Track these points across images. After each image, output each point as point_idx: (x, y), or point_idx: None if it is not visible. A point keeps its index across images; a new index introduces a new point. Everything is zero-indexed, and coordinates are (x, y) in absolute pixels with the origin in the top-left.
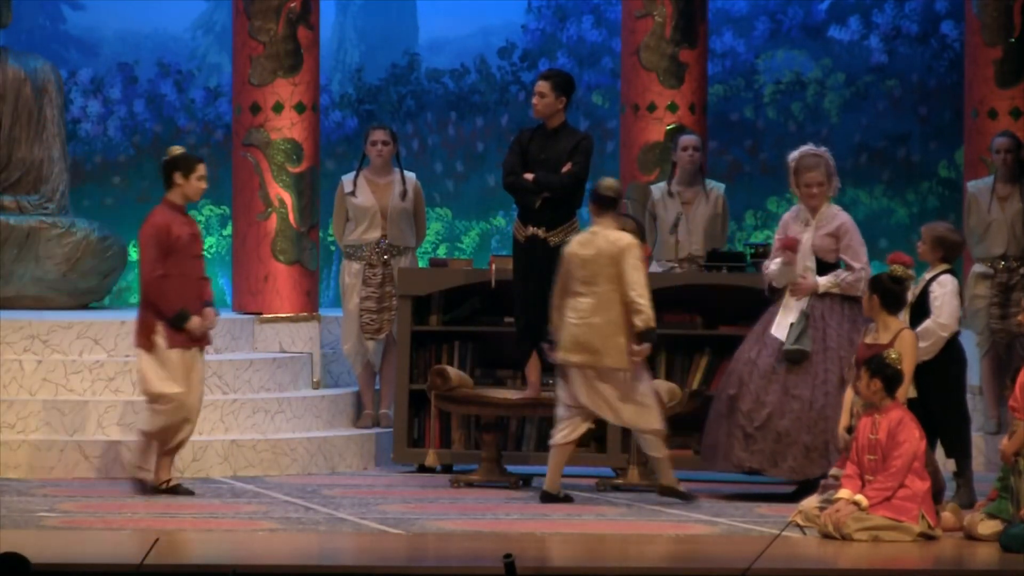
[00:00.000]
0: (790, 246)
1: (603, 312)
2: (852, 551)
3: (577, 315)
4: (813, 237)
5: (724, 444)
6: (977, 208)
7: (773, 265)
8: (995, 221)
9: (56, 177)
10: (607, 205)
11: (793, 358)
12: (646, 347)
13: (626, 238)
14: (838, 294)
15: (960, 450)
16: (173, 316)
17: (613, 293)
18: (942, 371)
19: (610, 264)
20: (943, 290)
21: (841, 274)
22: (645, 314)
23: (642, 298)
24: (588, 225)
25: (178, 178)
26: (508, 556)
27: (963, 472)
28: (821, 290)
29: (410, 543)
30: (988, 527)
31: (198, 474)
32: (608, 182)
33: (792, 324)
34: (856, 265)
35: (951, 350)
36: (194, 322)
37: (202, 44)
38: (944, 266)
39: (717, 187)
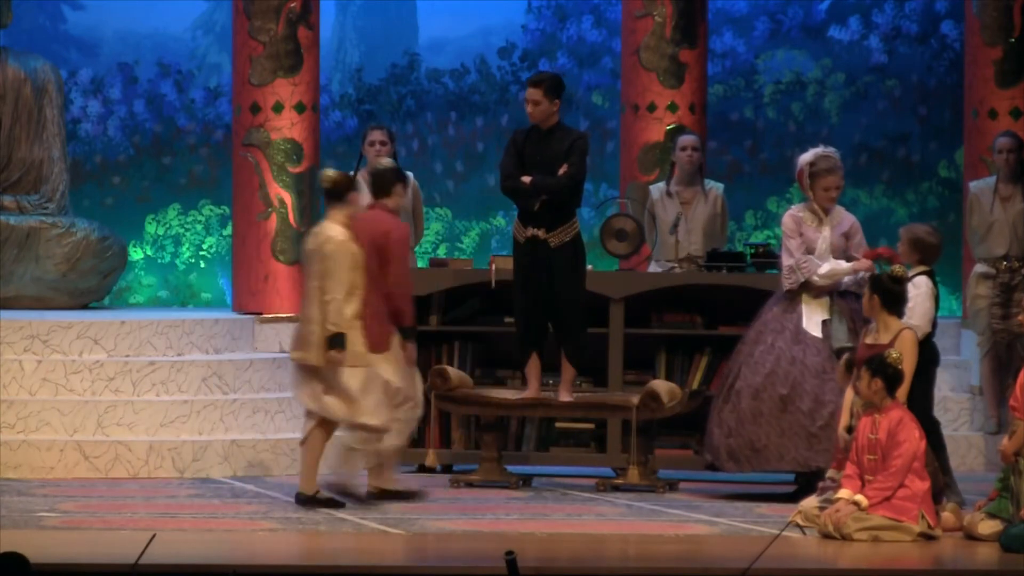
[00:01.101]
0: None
1: (313, 307)
2: (852, 551)
3: (302, 310)
4: (832, 236)
5: (779, 444)
6: (979, 208)
7: (832, 262)
8: (997, 221)
9: (56, 177)
10: (329, 196)
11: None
12: (336, 353)
13: (337, 239)
14: (853, 293)
15: (934, 445)
16: (411, 326)
17: (318, 290)
18: (917, 372)
19: (320, 261)
20: (917, 292)
21: (859, 272)
22: (331, 319)
23: (335, 303)
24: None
25: (399, 189)
26: (510, 553)
27: (945, 471)
28: (842, 287)
29: (410, 543)
30: (988, 527)
31: (198, 474)
32: (325, 173)
33: (828, 322)
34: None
35: (926, 351)
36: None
37: (202, 44)
38: (922, 268)
39: (716, 187)
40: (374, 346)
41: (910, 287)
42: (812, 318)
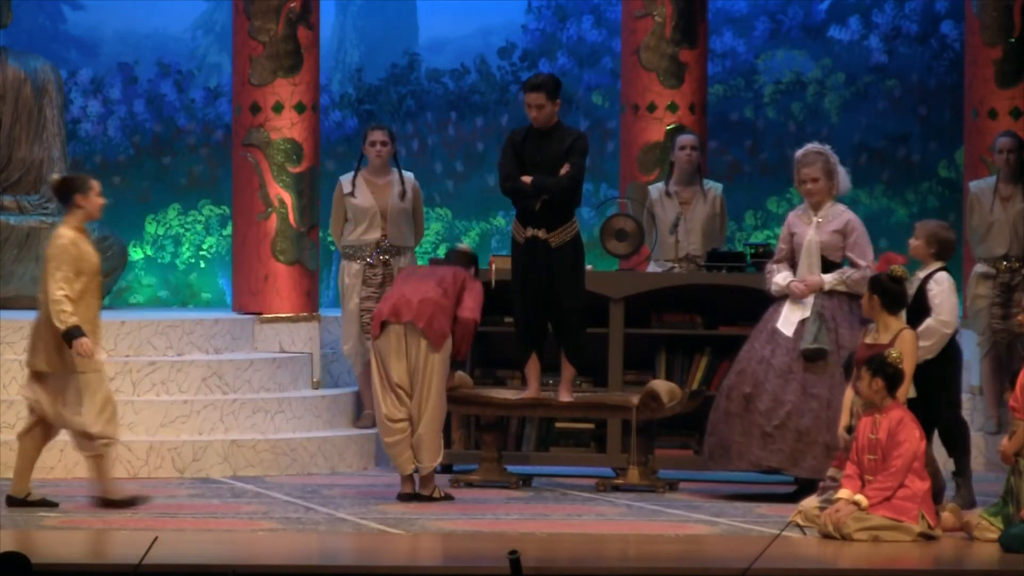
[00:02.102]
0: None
1: (40, 311)
2: (852, 551)
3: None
4: (819, 234)
5: (740, 443)
6: (979, 208)
7: (778, 278)
8: (997, 221)
9: None
10: (58, 201)
11: (812, 356)
12: (78, 344)
13: (59, 241)
14: (844, 293)
15: (960, 448)
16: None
17: (41, 293)
18: (942, 370)
19: (44, 263)
20: (940, 288)
21: (847, 271)
22: (57, 318)
23: (55, 303)
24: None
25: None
26: (513, 552)
27: (962, 471)
28: (827, 287)
29: (410, 543)
30: (987, 528)
31: (198, 474)
32: (51, 177)
33: (805, 322)
34: (861, 263)
35: (950, 348)
36: None
37: (202, 44)
38: (939, 263)
39: (715, 187)
40: (434, 339)
41: (932, 284)
42: (790, 318)
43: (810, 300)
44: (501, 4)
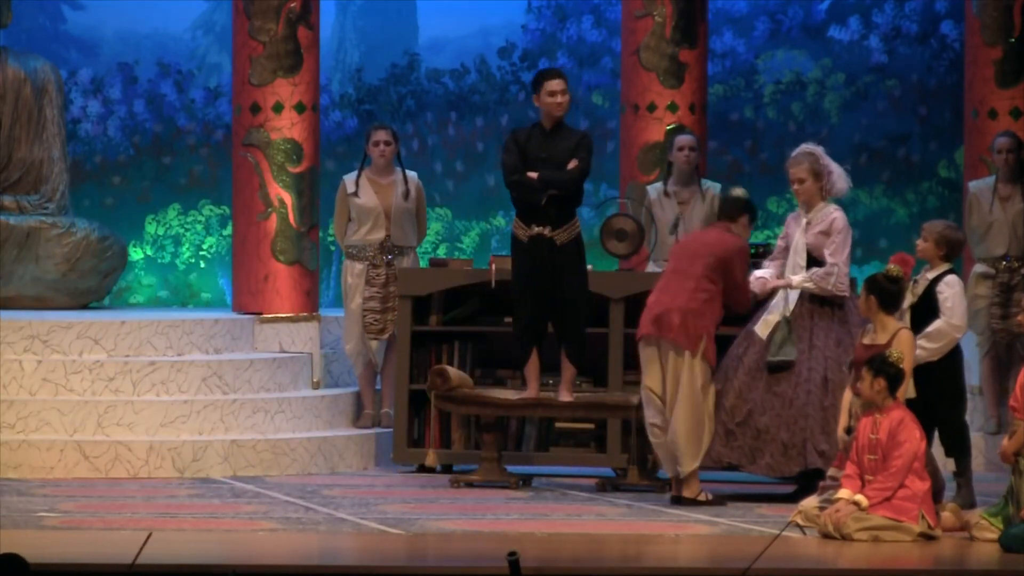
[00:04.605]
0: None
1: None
2: (852, 551)
3: None
4: (806, 236)
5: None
6: (978, 208)
7: (753, 274)
8: (996, 221)
9: (56, 177)
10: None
11: (776, 368)
12: None
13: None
14: (821, 296)
15: (960, 448)
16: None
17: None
18: (947, 371)
19: None
20: (952, 291)
21: (814, 269)
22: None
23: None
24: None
25: (744, 220)
26: (512, 553)
27: (963, 471)
28: (795, 285)
29: (410, 543)
30: (987, 528)
31: (198, 474)
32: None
33: (775, 329)
34: (830, 261)
35: (954, 349)
36: None
37: (202, 44)
38: (947, 265)
39: (713, 187)
40: (687, 344)
41: (943, 286)
42: (768, 319)
43: (790, 305)
44: (501, 4)
